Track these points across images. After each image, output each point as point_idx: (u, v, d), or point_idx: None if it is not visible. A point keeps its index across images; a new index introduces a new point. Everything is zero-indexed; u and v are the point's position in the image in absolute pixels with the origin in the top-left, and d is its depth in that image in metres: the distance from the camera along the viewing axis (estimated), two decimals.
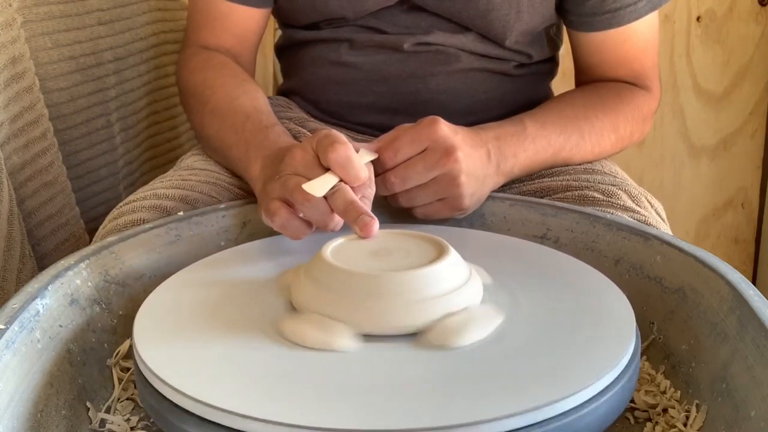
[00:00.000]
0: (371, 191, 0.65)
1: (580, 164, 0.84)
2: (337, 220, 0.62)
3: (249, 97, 0.81)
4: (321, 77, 0.94)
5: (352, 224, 0.58)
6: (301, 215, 0.63)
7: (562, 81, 1.04)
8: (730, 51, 1.51)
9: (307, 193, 0.60)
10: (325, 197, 0.61)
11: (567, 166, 0.83)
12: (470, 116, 0.92)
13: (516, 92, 0.94)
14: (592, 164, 0.85)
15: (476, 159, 0.70)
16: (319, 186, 0.61)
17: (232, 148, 0.77)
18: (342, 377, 0.48)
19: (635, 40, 0.88)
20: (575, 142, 0.80)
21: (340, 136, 0.64)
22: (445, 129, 0.68)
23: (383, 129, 0.92)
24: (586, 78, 0.92)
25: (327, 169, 0.62)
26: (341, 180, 0.62)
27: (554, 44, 0.95)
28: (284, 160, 0.65)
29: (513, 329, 0.53)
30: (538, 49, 0.92)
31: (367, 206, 0.63)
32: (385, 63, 0.89)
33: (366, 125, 0.93)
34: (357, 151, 0.68)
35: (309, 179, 0.61)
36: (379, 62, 0.89)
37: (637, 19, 0.86)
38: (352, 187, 0.62)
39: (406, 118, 0.91)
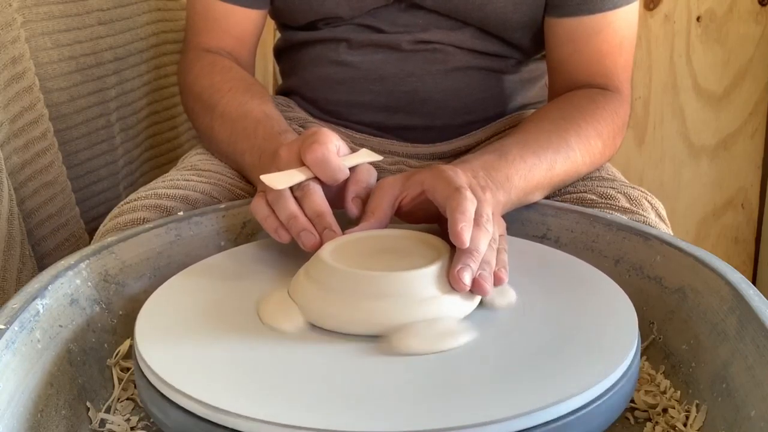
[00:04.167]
0: (364, 190, 0.65)
1: (576, 180, 0.80)
2: (300, 226, 0.61)
3: (258, 101, 0.81)
4: (319, 76, 0.94)
5: (320, 232, 0.60)
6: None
7: None
8: (730, 51, 1.51)
9: (271, 186, 0.61)
10: (297, 200, 0.62)
11: (565, 186, 0.78)
12: (467, 115, 0.92)
13: (512, 91, 0.94)
14: None
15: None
16: (279, 179, 0.62)
17: (245, 154, 0.77)
18: (344, 380, 0.48)
19: (610, 33, 0.84)
20: (565, 154, 0.75)
21: (324, 135, 0.64)
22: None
23: (382, 128, 0.93)
24: (558, 78, 0.88)
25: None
26: (317, 178, 0.63)
27: None
28: (274, 158, 0.67)
29: (513, 329, 0.53)
30: (537, 45, 0.92)
31: (357, 208, 0.64)
32: (382, 62, 0.90)
33: (365, 124, 0.93)
34: (360, 151, 0.69)
35: None
36: (377, 61, 0.90)
37: (612, 8, 0.83)
38: (343, 185, 0.64)
39: (404, 117, 0.92)
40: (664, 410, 0.55)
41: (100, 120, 1.06)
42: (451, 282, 0.53)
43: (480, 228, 0.57)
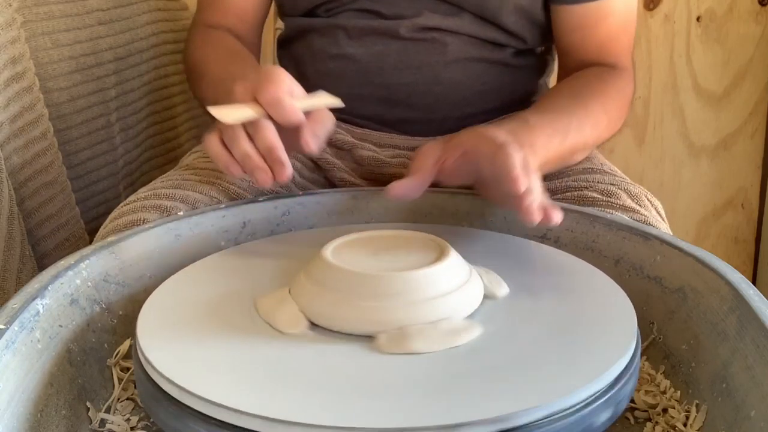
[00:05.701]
0: (324, 129, 0.68)
1: (583, 157, 0.85)
2: (253, 165, 0.63)
3: (240, 65, 0.85)
4: (319, 71, 0.94)
5: (271, 167, 0.63)
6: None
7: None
8: (730, 51, 1.51)
9: (220, 119, 0.63)
10: (249, 136, 0.64)
11: (575, 161, 0.84)
12: (467, 107, 0.93)
13: (513, 83, 0.95)
14: (591, 163, 0.86)
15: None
16: (228, 113, 0.63)
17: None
18: (344, 378, 0.48)
19: (614, 18, 0.89)
20: (576, 126, 0.79)
21: (277, 75, 0.66)
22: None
23: (382, 121, 0.93)
24: (569, 61, 0.93)
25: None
26: (270, 117, 0.65)
27: (550, 32, 0.95)
28: (229, 95, 0.69)
29: (513, 329, 0.53)
30: (535, 35, 0.93)
31: (315, 143, 0.66)
32: (382, 54, 0.90)
33: (365, 117, 0.94)
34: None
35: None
36: (377, 53, 0.90)
37: None
38: (303, 123, 0.66)
39: (404, 110, 0.92)
40: (664, 410, 0.55)
41: (100, 120, 1.06)
42: (523, 217, 0.55)
43: (529, 174, 0.60)
